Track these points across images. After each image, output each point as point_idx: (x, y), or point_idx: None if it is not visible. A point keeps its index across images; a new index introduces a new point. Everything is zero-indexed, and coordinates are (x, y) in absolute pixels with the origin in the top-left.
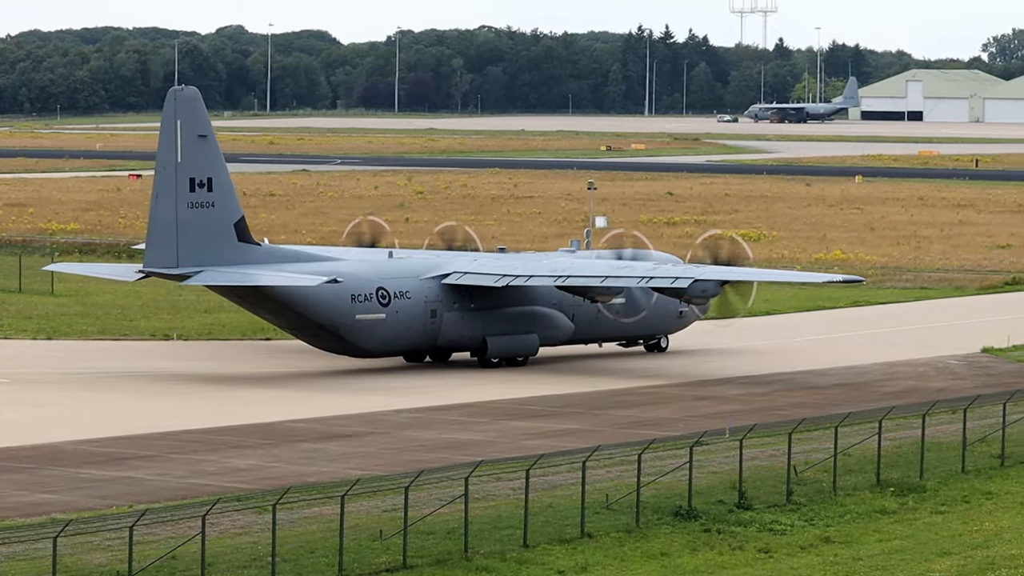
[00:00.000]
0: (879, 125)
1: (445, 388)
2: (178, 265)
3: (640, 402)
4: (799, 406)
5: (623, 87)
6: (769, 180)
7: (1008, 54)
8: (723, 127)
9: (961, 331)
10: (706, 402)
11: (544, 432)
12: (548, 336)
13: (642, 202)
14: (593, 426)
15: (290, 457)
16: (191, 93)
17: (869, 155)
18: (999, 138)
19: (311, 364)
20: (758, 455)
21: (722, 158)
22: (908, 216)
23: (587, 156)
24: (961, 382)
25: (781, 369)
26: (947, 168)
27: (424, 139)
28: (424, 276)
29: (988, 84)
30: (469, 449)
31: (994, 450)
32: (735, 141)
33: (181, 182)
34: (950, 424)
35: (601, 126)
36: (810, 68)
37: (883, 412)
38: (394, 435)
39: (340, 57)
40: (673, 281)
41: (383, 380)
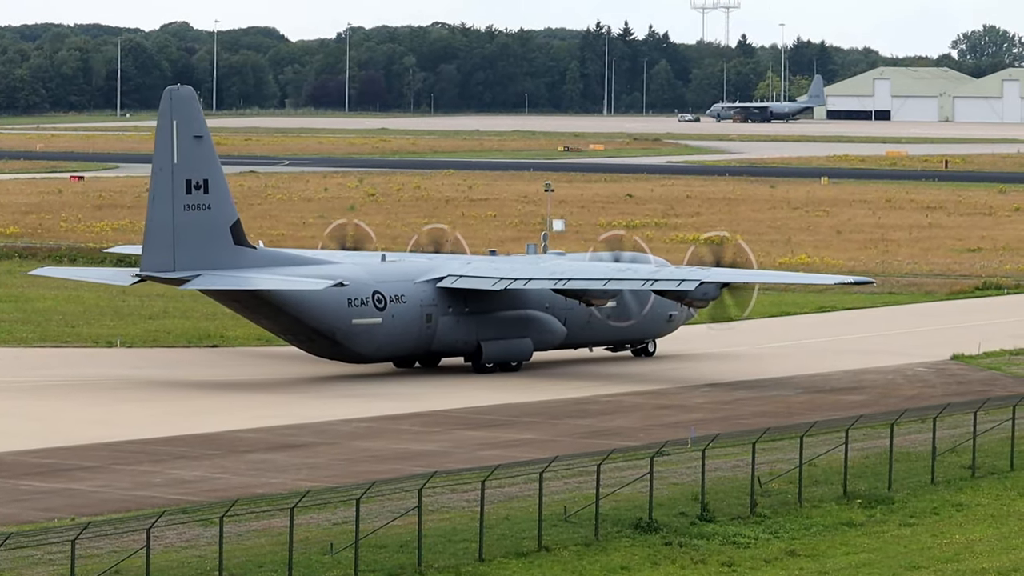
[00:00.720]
0: (845, 125)
1: (398, 397)
2: (175, 269)
3: (600, 411)
4: (763, 415)
5: (581, 86)
6: (732, 182)
7: (979, 51)
8: (684, 127)
9: (930, 338)
10: (668, 411)
11: (500, 442)
12: (541, 341)
13: (601, 205)
14: (551, 436)
15: (238, 468)
16: (187, 93)
17: (835, 156)
18: (969, 138)
19: (260, 371)
20: (721, 466)
21: (683, 159)
22: (876, 219)
23: (544, 157)
24: (931, 390)
25: (745, 377)
26: (916, 169)
27: (376, 139)
28: (419, 280)
29: (958, 82)
30: (423, 460)
31: (965, 460)
32: (697, 141)
33: (177, 184)
34: (919, 433)
35: (558, 126)
36: (774, 66)
37: (850, 421)
38: (345, 445)
39: (288, 55)
40: (679, 283)
41: (335, 388)
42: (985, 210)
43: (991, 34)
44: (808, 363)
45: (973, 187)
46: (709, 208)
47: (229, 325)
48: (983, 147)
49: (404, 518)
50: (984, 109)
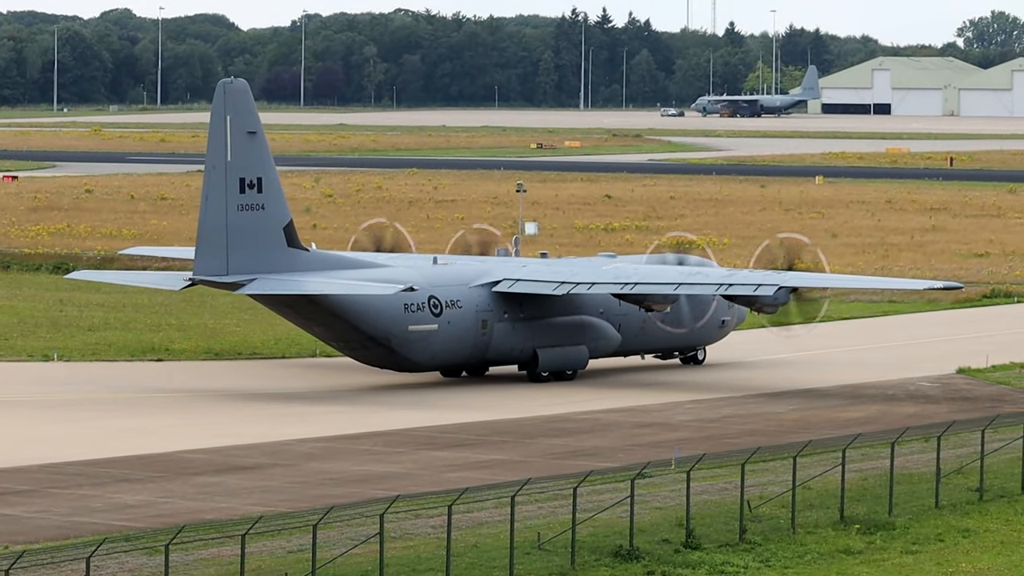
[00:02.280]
0: (842, 119)
1: (358, 414)
2: (228, 273)
3: (576, 429)
4: (753, 433)
5: (555, 77)
6: (719, 181)
7: (986, 39)
8: (668, 122)
9: (934, 350)
10: (649, 429)
11: (468, 463)
12: (596, 348)
13: (577, 206)
14: (523, 456)
15: (184, 492)
16: (240, 86)
17: (831, 153)
18: (976, 133)
19: (208, 387)
20: (708, 488)
21: (666, 157)
22: (875, 221)
23: (515, 155)
24: (934, 406)
25: (733, 392)
26: (918, 168)
27: (333, 136)
28: (474, 284)
29: (964, 73)
30: (384, 483)
31: (971, 482)
32: (681, 138)
33: (231, 183)
34: (922, 453)
35: (531, 121)
36: (764, 56)
37: (847, 440)
38: (300, 467)
39: (239, 44)
40: (755, 288)
41: (290, 406)
42: (993, 212)
43: (1000, 21)
44: (802, 376)
45: (980, 187)
46: (694, 210)
47: (175, 337)
48: (991, 143)
49: (365, 546)
50: (992, 102)
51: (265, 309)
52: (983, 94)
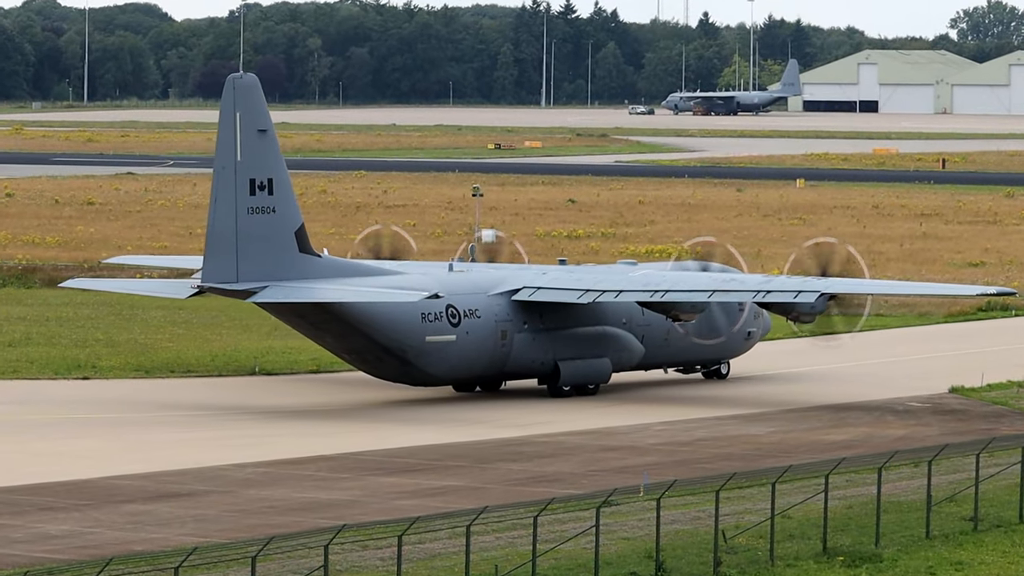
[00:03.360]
0: (825, 118)
1: (300, 437)
2: (238, 280)
3: (536, 453)
4: (728, 458)
5: (515, 72)
6: (692, 185)
7: (981, 31)
8: (636, 120)
9: (925, 367)
10: (616, 453)
11: (420, 490)
12: (619, 360)
13: (538, 211)
14: (479, 482)
15: (113, 521)
16: (250, 81)
17: (813, 154)
18: (970, 133)
19: (139, 407)
20: (679, 517)
21: (635, 158)
22: (861, 228)
23: (472, 156)
24: (925, 428)
25: (707, 413)
26: (908, 170)
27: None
28: (492, 292)
29: (957, 68)
30: (329, 511)
31: (965, 511)
32: (651, 138)
33: (241, 184)
34: (912, 480)
35: (489, 119)
36: (741, 49)
37: (830, 465)
38: (238, 494)
39: (172, 36)
40: (795, 295)
41: (226, 428)
42: (989, 217)
43: (996, 11)
44: (781, 394)
45: (975, 190)
46: (665, 215)
47: (103, 354)
48: (987, 143)
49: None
50: (988, 99)
51: (200, 322)
52: (978, 90)
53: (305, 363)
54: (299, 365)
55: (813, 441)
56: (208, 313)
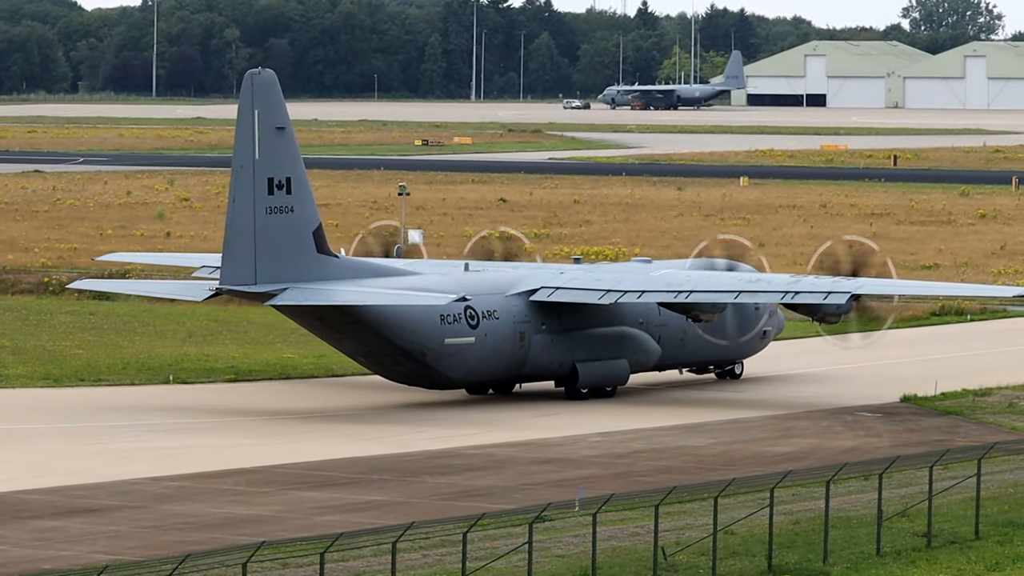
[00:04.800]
0: (770, 112)
1: (218, 449)
2: (256, 282)
3: (466, 466)
4: (668, 471)
5: (443, 65)
6: (630, 183)
7: (935, 21)
8: (571, 115)
9: (876, 374)
10: (550, 466)
11: (344, 505)
12: (636, 361)
13: (468, 211)
14: (405, 497)
15: (19, 538)
16: (268, 77)
17: (757, 150)
18: (923, 128)
19: (46, 418)
20: (616, 533)
21: (570, 155)
22: (808, 228)
23: (398, 152)
24: (876, 440)
25: (646, 424)
26: (857, 167)
27: (190, 131)
28: (510, 292)
29: (909, 59)
30: (248, 527)
31: (918, 526)
32: (586, 133)
33: (259, 183)
34: (862, 493)
35: (415, 114)
36: (682, 40)
37: (776, 478)
38: (152, 509)
39: (82, 27)
40: (825, 296)
41: (141, 439)
42: (943, 217)
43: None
44: (724, 406)
45: (928, 189)
46: (602, 215)
47: (9, 361)
48: (941, 139)
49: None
50: (942, 92)
51: (112, 328)
52: (931, 83)
53: (223, 371)
54: (216, 373)
55: (757, 453)
56: (120, 319)
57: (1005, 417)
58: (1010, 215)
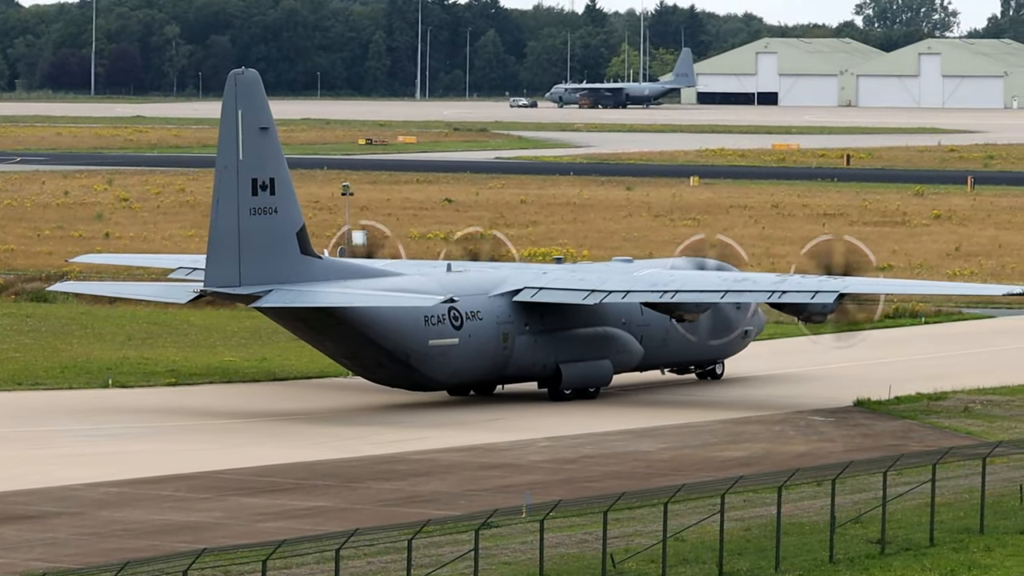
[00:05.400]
0: (721, 111)
1: (157, 454)
2: (241, 283)
3: (411, 472)
4: (617, 476)
5: (388, 62)
6: (578, 183)
7: (889, 18)
8: (518, 114)
9: (828, 379)
10: (496, 471)
11: (286, 511)
12: (619, 362)
13: (413, 211)
14: (349, 503)
15: None
16: (252, 77)
17: (708, 150)
18: (877, 127)
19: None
20: (564, 540)
21: (516, 154)
22: (759, 229)
23: (341, 152)
24: (829, 445)
25: (594, 428)
26: (810, 167)
27: (129, 130)
28: (493, 293)
29: (863, 57)
30: (188, 534)
31: (872, 533)
32: (533, 132)
33: (243, 184)
34: (814, 499)
35: (359, 113)
36: (631, 37)
37: (727, 484)
38: (91, 516)
39: (19, 23)
40: (813, 296)
41: (78, 444)
42: (897, 218)
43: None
44: (674, 411)
45: (882, 188)
46: (549, 216)
47: None
48: (894, 138)
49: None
50: (896, 90)
51: (50, 331)
52: (885, 81)
53: (163, 374)
54: (156, 377)
55: (708, 458)
56: (58, 321)
57: (960, 421)
58: (965, 216)
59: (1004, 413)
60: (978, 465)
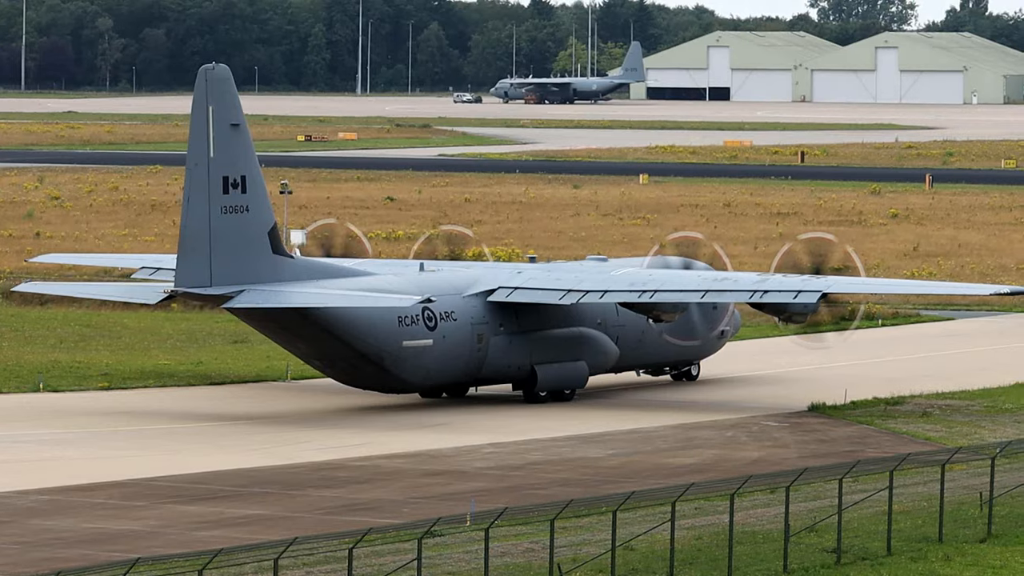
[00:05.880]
0: (671, 106)
1: (90, 460)
2: (212, 284)
3: (352, 479)
4: (565, 483)
5: (327, 56)
6: (524, 181)
7: (844, 11)
8: (462, 109)
9: (782, 383)
10: (440, 478)
11: (223, 519)
12: (595, 363)
13: (353, 210)
14: (288, 511)
15: None
16: (223, 73)
17: (658, 147)
18: (832, 123)
19: None
20: (510, 549)
21: (460, 151)
22: (711, 228)
23: (280, 148)
24: (782, 451)
25: (541, 434)
26: (763, 164)
27: (61, 126)
28: (467, 293)
29: (817, 51)
30: (122, 542)
31: (827, 542)
32: (478, 129)
33: (214, 182)
34: (768, 507)
35: (298, 108)
36: (578, 31)
37: (678, 491)
38: (21, 524)
39: None
40: (795, 296)
41: (7, 452)
42: (853, 217)
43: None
44: (624, 416)
45: (837, 187)
46: (494, 215)
47: None
48: (850, 135)
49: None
50: (852, 85)
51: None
52: (841, 76)
53: (95, 378)
54: (89, 380)
55: (659, 465)
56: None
57: (918, 426)
58: (923, 214)
59: (963, 418)
60: (937, 472)
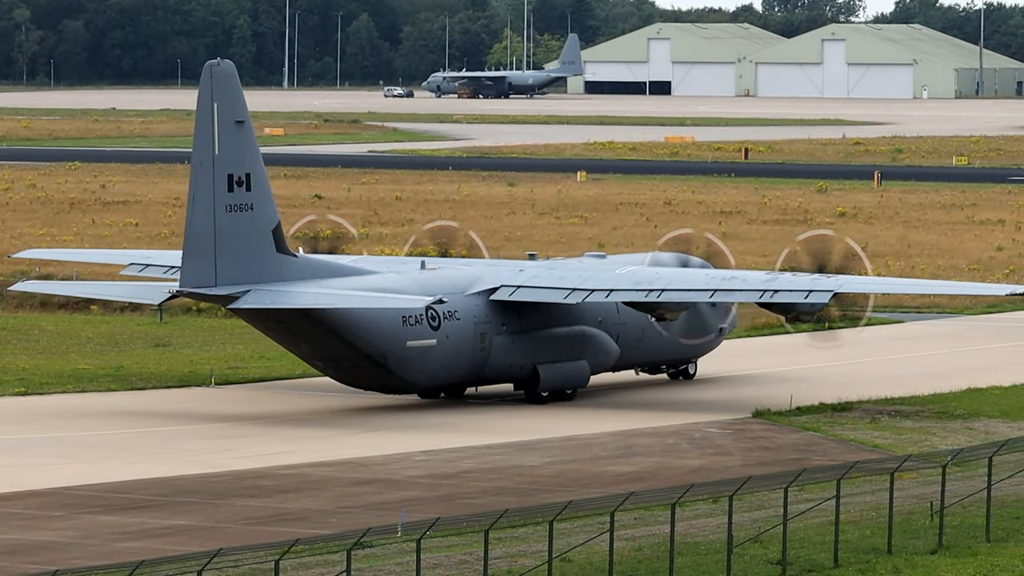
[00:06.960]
0: (610, 101)
1: (4, 469)
2: (217, 284)
3: (278, 488)
4: (499, 492)
5: (253, 48)
6: (457, 178)
7: (789, 2)
8: (393, 104)
9: (725, 388)
10: (370, 488)
11: (145, 530)
12: (596, 362)
13: (281, 208)
14: (212, 521)
15: None
16: (228, 68)
17: (596, 143)
18: (777, 118)
19: None
20: (443, 561)
21: (391, 148)
22: (651, 228)
23: None
24: (725, 458)
25: (474, 441)
26: (705, 161)
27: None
28: (469, 292)
29: (762, 43)
30: (39, 554)
31: (772, 553)
32: (409, 124)
33: (219, 180)
34: (711, 517)
35: None
36: (514, 22)
37: (617, 500)
38: None
39: None
40: (807, 295)
41: None
42: (799, 215)
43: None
44: (560, 423)
45: (783, 184)
46: (425, 213)
47: None
48: (796, 130)
49: None
50: (797, 79)
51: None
52: (786, 69)
53: (11, 383)
54: (4, 386)
55: (597, 473)
56: None
57: (866, 433)
58: (872, 213)
59: (913, 424)
60: (885, 480)
